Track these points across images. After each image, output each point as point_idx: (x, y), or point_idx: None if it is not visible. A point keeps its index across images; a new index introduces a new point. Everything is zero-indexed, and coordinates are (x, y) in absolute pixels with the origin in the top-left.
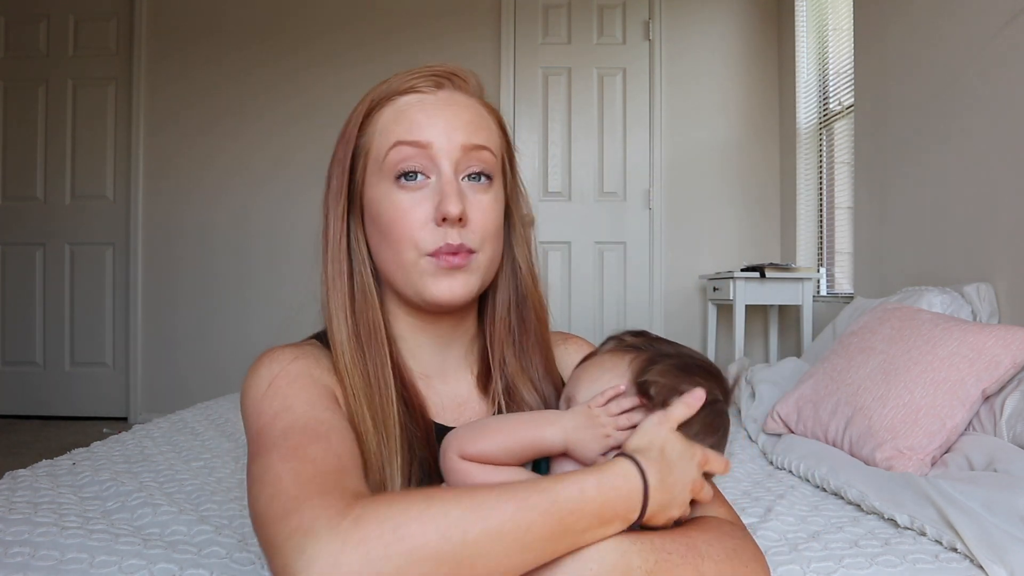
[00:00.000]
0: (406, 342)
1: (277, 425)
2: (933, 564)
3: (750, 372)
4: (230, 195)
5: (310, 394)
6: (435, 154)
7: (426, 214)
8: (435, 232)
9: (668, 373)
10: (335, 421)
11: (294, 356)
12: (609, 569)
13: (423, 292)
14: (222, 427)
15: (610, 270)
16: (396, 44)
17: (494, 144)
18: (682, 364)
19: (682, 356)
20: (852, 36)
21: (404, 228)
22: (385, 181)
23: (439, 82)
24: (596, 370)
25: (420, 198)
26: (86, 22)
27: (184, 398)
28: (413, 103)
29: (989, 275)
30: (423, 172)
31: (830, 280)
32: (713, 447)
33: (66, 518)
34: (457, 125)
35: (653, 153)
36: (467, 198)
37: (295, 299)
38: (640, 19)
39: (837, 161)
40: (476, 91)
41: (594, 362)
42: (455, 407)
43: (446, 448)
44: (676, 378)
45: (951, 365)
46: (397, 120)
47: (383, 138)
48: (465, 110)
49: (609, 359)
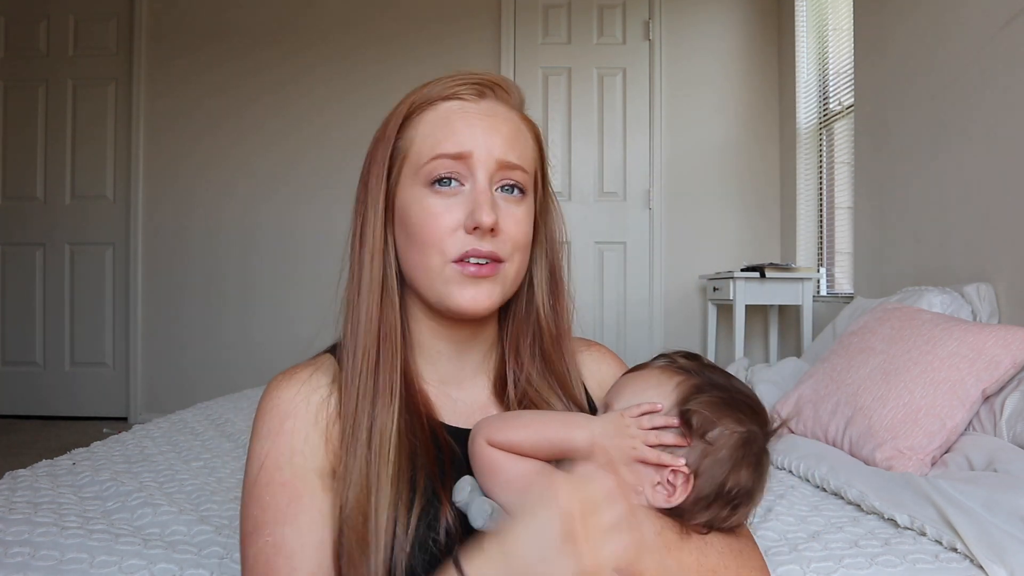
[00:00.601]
0: (423, 347)
1: (249, 550)
2: (933, 564)
3: (750, 372)
4: (230, 195)
5: (284, 499)
6: (472, 164)
7: (456, 221)
8: (464, 239)
9: (713, 406)
10: (295, 543)
11: (296, 391)
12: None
13: (446, 299)
14: (222, 427)
15: (610, 270)
16: (396, 45)
17: (528, 161)
18: (729, 399)
19: (730, 390)
20: (852, 36)
21: (433, 232)
22: (419, 185)
23: (482, 91)
24: (641, 384)
25: (452, 204)
26: (86, 22)
27: (184, 398)
28: (455, 110)
29: (989, 275)
30: (458, 179)
31: (830, 280)
32: (744, 485)
33: (66, 518)
34: (496, 138)
35: (653, 153)
36: (500, 208)
37: (296, 301)
38: (640, 19)
39: (837, 161)
40: (518, 104)
41: (641, 375)
42: (468, 413)
43: (475, 434)
44: (719, 412)
45: (951, 365)
46: (439, 127)
47: (423, 144)
48: (505, 123)
49: (657, 376)
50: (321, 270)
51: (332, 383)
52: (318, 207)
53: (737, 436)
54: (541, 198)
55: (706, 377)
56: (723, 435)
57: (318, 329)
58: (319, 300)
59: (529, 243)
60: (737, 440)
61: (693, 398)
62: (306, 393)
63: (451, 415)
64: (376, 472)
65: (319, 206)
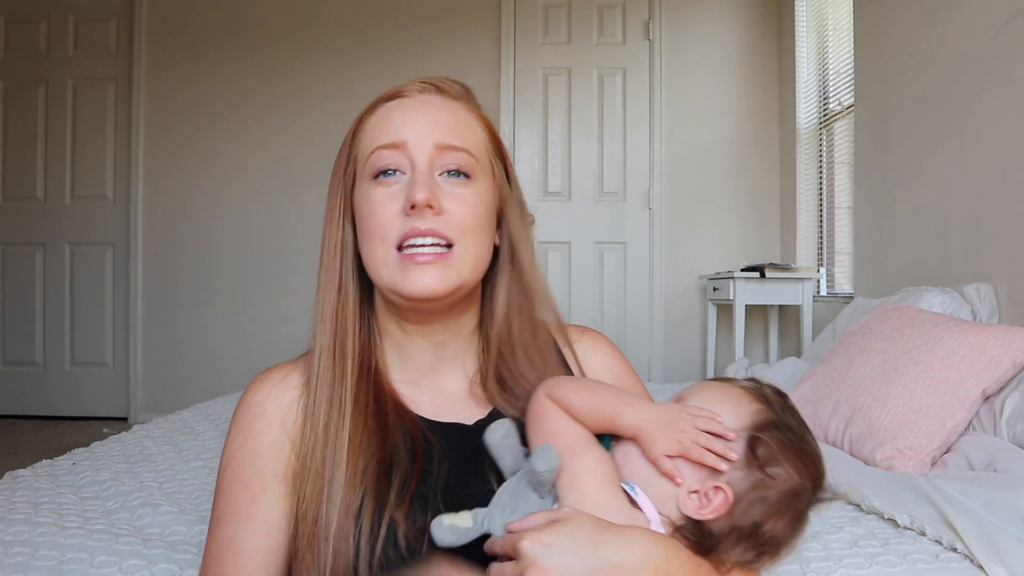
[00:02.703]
0: (399, 345)
1: (209, 539)
2: (933, 564)
3: (750, 372)
4: (230, 195)
5: (244, 499)
6: (410, 151)
7: (398, 206)
8: (403, 222)
9: (783, 444)
10: (243, 543)
11: (266, 393)
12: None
13: (397, 287)
14: (222, 427)
15: (610, 270)
16: (396, 45)
17: (474, 146)
18: (799, 446)
19: (804, 440)
20: (852, 36)
21: (375, 221)
22: (366, 181)
23: (423, 87)
24: (720, 394)
25: (394, 192)
26: (86, 22)
27: (184, 398)
28: (393, 107)
29: (989, 275)
30: (399, 169)
31: (830, 280)
32: (779, 534)
33: (66, 518)
34: (432, 125)
35: (653, 153)
36: (442, 190)
37: (294, 301)
38: (640, 19)
39: (837, 161)
40: (460, 96)
41: (724, 387)
42: (448, 405)
43: (539, 389)
44: (786, 453)
45: (951, 365)
46: (379, 124)
47: (367, 142)
48: (443, 111)
49: (739, 395)
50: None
51: (307, 383)
52: (318, 206)
53: (793, 484)
54: (506, 189)
55: (786, 417)
56: (781, 476)
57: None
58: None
59: (483, 227)
60: (792, 487)
61: (767, 430)
62: (276, 395)
63: (429, 409)
64: (331, 471)
65: (319, 205)
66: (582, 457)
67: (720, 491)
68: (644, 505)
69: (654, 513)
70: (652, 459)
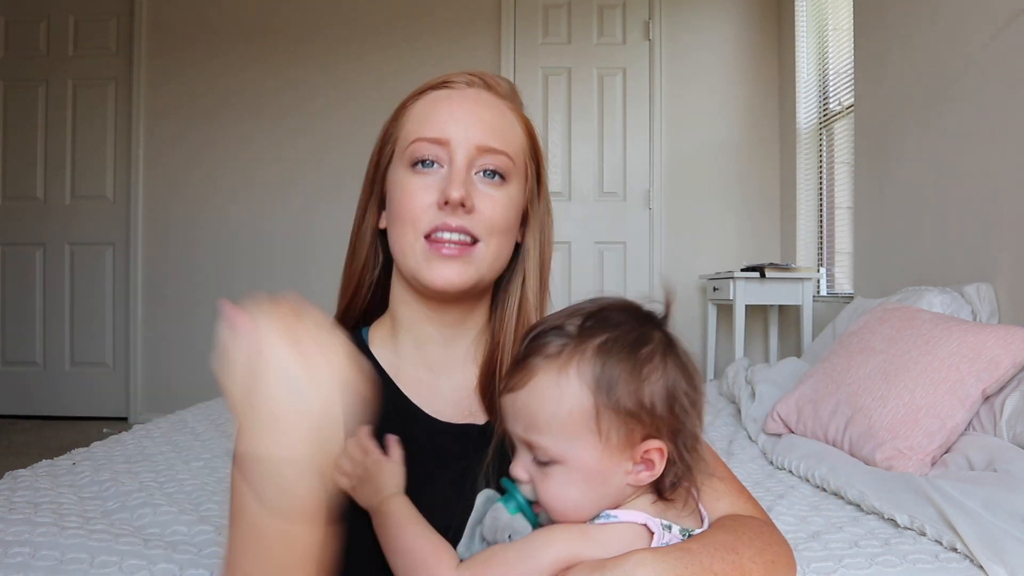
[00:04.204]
0: (412, 331)
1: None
2: (933, 564)
3: (750, 372)
4: (230, 195)
5: None
6: (451, 148)
7: (432, 198)
8: (435, 214)
9: (628, 373)
10: None
11: None
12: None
13: (419, 275)
14: (222, 427)
15: (610, 270)
16: (396, 45)
17: (514, 149)
18: (625, 341)
19: (614, 327)
20: (852, 36)
21: (408, 209)
22: (403, 166)
23: (471, 80)
24: (548, 405)
25: (430, 183)
26: (86, 22)
27: (184, 398)
28: (441, 97)
29: (989, 275)
30: (438, 162)
31: (830, 280)
32: (669, 387)
33: (66, 518)
34: (477, 124)
35: (653, 153)
36: (476, 189)
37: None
38: (640, 19)
39: (837, 161)
40: (506, 95)
41: (536, 391)
42: (456, 400)
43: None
44: (636, 367)
45: (951, 365)
46: (424, 113)
47: (409, 128)
48: (488, 109)
49: (551, 381)
50: (325, 269)
51: None
52: (321, 207)
53: (664, 372)
54: (535, 191)
55: (589, 340)
56: (656, 378)
57: None
58: (321, 300)
59: (510, 228)
60: (657, 360)
61: (612, 384)
62: None
63: (437, 405)
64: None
65: (322, 206)
66: (539, 539)
67: (648, 451)
68: (626, 516)
69: (638, 515)
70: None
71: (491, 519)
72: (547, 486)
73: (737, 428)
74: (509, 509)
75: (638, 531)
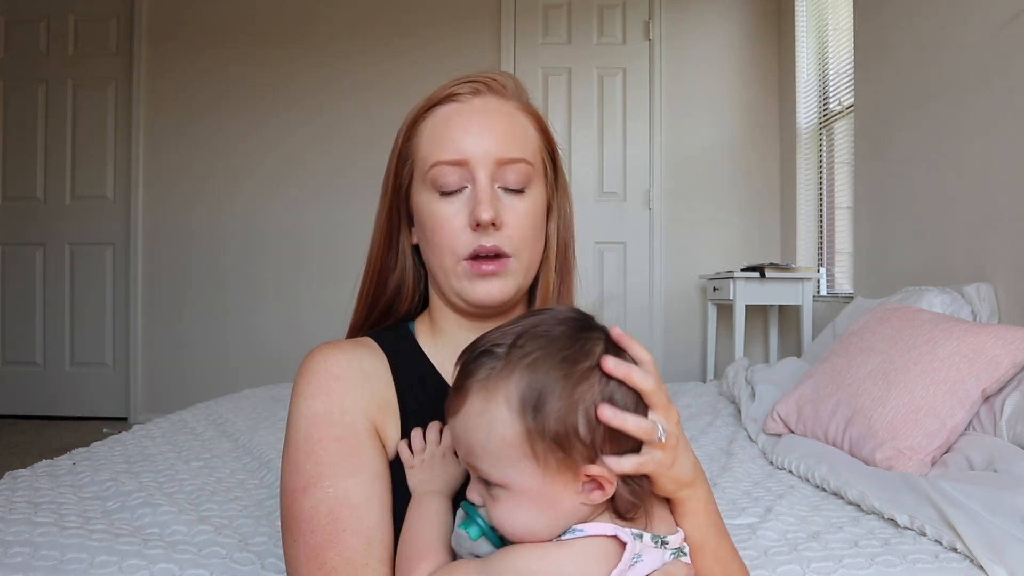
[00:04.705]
0: (450, 336)
1: (306, 503)
2: (933, 564)
3: (750, 372)
4: (231, 194)
5: (342, 454)
6: (472, 168)
7: (463, 221)
8: (471, 237)
9: (563, 394)
10: (359, 495)
11: (347, 357)
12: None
13: (463, 294)
14: (222, 427)
15: (610, 270)
16: (396, 45)
17: (531, 151)
18: (559, 360)
19: (549, 347)
20: (852, 36)
21: (443, 236)
22: (427, 190)
23: (476, 88)
24: (478, 433)
25: (458, 207)
26: (86, 22)
27: (184, 398)
28: (451, 114)
29: (989, 275)
30: (462, 183)
31: (830, 280)
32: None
33: (66, 518)
34: (492, 137)
35: (653, 153)
36: (502, 203)
37: (297, 301)
38: (640, 19)
39: (837, 161)
40: (514, 95)
41: (470, 420)
42: None
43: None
44: (571, 386)
45: (951, 365)
46: (437, 133)
47: (426, 150)
48: (501, 119)
49: (481, 408)
50: (324, 270)
51: (375, 357)
52: (321, 206)
53: (591, 387)
54: (553, 181)
55: (517, 361)
56: (590, 398)
57: (320, 327)
58: (321, 299)
59: (538, 233)
60: (585, 385)
61: (539, 407)
62: (355, 359)
63: None
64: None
65: (322, 205)
66: (501, 558)
67: (591, 476)
68: (592, 529)
69: (605, 526)
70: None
71: (455, 543)
72: (496, 510)
73: (737, 428)
74: (471, 534)
75: (605, 543)
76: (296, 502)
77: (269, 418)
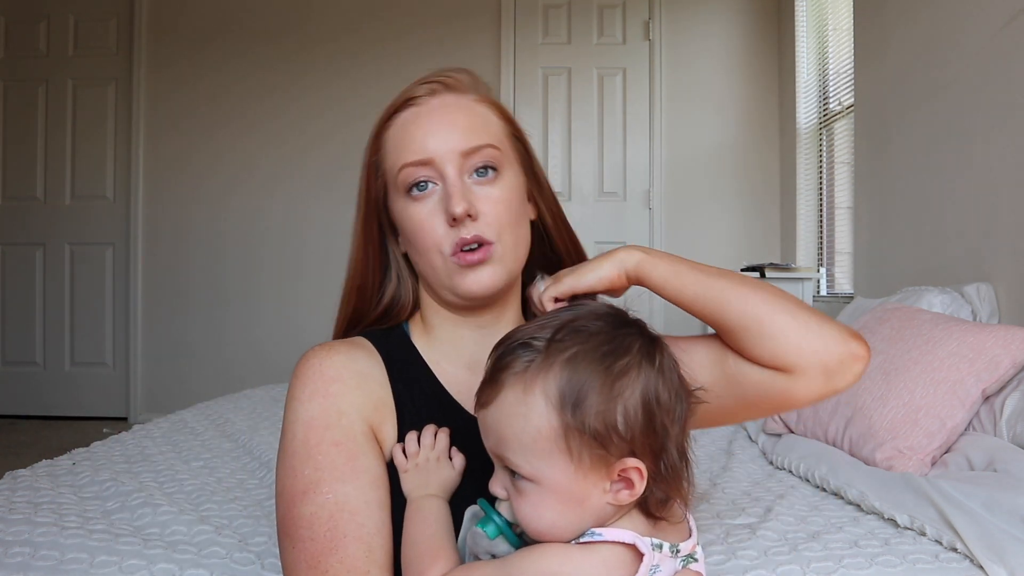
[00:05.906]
0: (443, 336)
1: (305, 508)
2: (933, 564)
3: None
4: (231, 195)
5: (340, 458)
6: (439, 165)
7: (440, 219)
8: (450, 233)
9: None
10: (358, 500)
11: (342, 359)
12: None
13: (456, 289)
14: (222, 427)
15: None
16: (396, 44)
17: (496, 137)
18: (597, 353)
19: (588, 338)
20: (852, 36)
21: (425, 237)
22: (401, 197)
23: (432, 89)
24: (516, 426)
25: (432, 207)
26: (86, 22)
27: (184, 398)
28: (410, 119)
29: (989, 275)
30: (431, 180)
31: (830, 280)
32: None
33: (66, 518)
34: (454, 133)
35: (653, 153)
36: (474, 194)
37: (297, 300)
38: (640, 19)
39: (837, 161)
40: (470, 88)
41: (504, 412)
42: None
43: None
44: (610, 384)
45: (951, 365)
46: (400, 138)
47: (392, 157)
48: (459, 113)
49: (516, 400)
50: (324, 269)
51: (370, 358)
52: (321, 206)
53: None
54: (528, 165)
55: (556, 355)
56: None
57: (320, 328)
58: (321, 299)
59: (518, 217)
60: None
61: (579, 403)
62: (350, 361)
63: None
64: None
65: (322, 205)
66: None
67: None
68: (611, 535)
69: (625, 533)
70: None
71: (471, 542)
72: (522, 504)
73: (737, 428)
74: (489, 533)
75: (623, 551)
76: (295, 508)
77: (269, 418)
